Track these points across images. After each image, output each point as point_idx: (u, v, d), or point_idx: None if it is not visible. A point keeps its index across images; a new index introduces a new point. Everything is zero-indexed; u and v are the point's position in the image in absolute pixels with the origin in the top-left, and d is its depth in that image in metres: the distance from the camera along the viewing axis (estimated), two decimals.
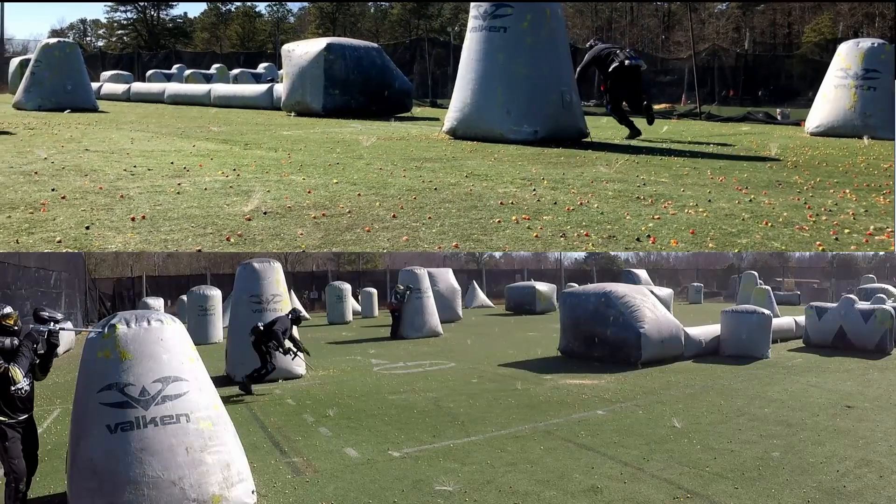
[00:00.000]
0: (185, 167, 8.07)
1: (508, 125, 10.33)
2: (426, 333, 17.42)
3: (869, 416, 7.64)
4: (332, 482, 5.52)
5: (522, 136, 10.25)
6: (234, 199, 6.59)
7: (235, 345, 11.14)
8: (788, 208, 6.79)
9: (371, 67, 17.66)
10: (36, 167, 7.96)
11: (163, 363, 4.72)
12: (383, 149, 9.67)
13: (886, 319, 13.07)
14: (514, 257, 52.49)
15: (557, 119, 10.53)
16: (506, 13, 10.32)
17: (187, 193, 6.73)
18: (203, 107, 22.79)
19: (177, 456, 4.55)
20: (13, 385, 4.54)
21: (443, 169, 7.84)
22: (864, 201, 6.87)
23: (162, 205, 6.45)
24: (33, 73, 20.01)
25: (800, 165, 8.91)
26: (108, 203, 6.36)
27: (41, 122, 14.96)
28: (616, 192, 6.97)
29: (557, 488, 5.25)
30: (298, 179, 7.28)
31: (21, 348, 4.63)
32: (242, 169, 8.03)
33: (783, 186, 7.37)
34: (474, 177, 7.47)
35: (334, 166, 7.99)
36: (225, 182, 7.24)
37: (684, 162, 8.82)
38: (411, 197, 6.66)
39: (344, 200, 6.56)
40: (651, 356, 11.60)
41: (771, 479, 5.39)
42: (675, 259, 56.30)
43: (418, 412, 8.18)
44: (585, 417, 7.77)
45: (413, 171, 7.65)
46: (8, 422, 4.62)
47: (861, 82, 14.05)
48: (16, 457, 4.62)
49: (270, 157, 9.20)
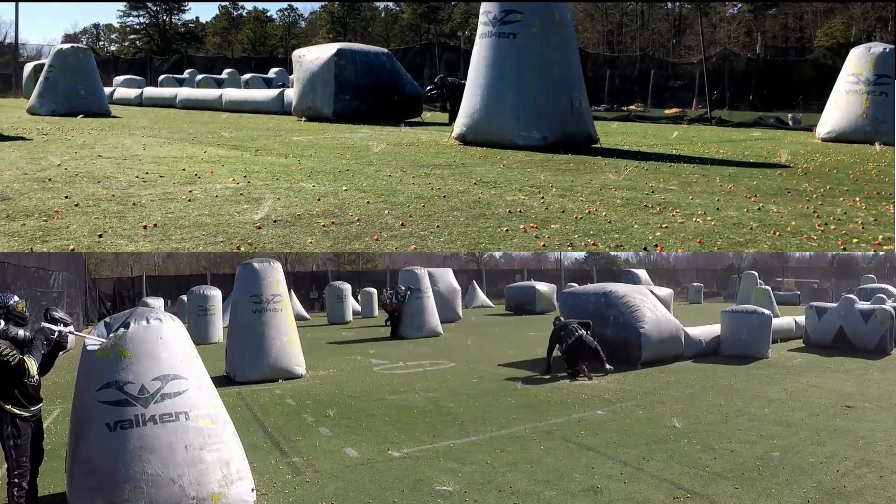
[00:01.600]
0: (196, 174, 8.07)
1: (518, 131, 10.30)
2: (426, 333, 17.42)
3: (869, 416, 7.64)
4: (332, 482, 5.51)
5: (532, 141, 10.21)
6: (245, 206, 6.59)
7: (235, 345, 11.14)
8: (797, 217, 6.74)
9: (381, 72, 17.67)
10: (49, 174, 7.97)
11: (162, 361, 4.72)
12: (393, 155, 9.65)
13: (886, 319, 13.06)
14: (514, 257, 52.52)
15: (567, 125, 10.49)
16: (515, 19, 10.29)
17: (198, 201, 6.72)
18: (214, 111, 22.81)
19: (176, 454, 4.55)
20: (27, 376, 4.57)
21: (451, 176, 7.83)
22: (874, 210, 6.82)
23: (173, 212, 6.44)
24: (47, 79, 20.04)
25: (810, 172, 8.86)
26: (121, 210, 6.35)
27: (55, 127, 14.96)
28: (624, 199, 6.95)
29: (557, 488, 5.24)
30: (308, 186, 7.27)
31: (35, 340, 4.68)
32: (253, 175, 8.03)
33: (793, 194, 7.33)
34: (483, 184, 7.44)
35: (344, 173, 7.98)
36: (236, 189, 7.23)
37: (693, 169, 8.78)
38: (420, 205, 6.65)
39: (353, 208, 6.55)
40: (651, 356, 11.60)
41: (771, 479, 5.38)
42: (675, 259, 56.33)
43: (418, 412, 8.18)
44: (585, 417, 7.76)
45: (422, 178, 7.64)
46: (24, 415, 4.63)
47: (872, 88, 13.97)
48: (24, 455, 4.63)
49: (281, 163, 9.20)
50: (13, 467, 4.60)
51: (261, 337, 10.80)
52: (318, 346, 15.86)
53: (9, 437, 4.60)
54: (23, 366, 4.54)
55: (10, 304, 4.77)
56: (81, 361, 4.87)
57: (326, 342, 16.89)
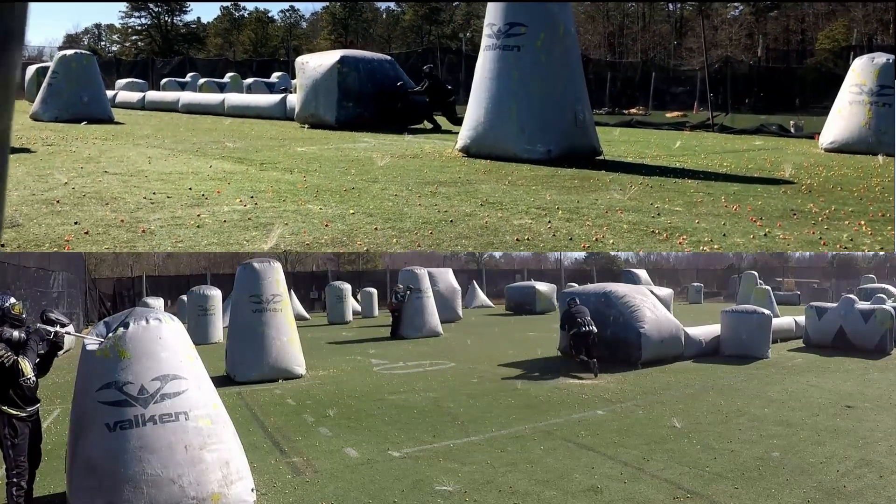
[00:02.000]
0: (203, 194, 8.04)
1: (522, 144, 10.27)
2: (426, 333, 17.42)
3: (869, 416, 7.64)
4: (332, 482, 5.51)
5: (536, 155, 10.18)
6: (254, 233, 6.53)
7: (235, 345, 11.14)
8: (803, 244, 6.66)
9: (384, 79, 17.65)
10: (57, 194, 7.94)
11: (161, 361, 4.72)
12: (397, 170, 9.59)
13: (886, 319, 13.06)
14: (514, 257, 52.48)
15: (571, 138, 10.46)
16: (520, 32, 10.28)
17: (207, 227, 6.67)
18: (217, 116, 22.76)
19: (176, 454, 4.55)
20: (22, 377, 4.58)
21: (457, 195, 7.77)
22: (880, 236, 6.71)
23: (183, 241, 6.38)
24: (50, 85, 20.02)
25: (814, 190, 8.79)
26: (131, 239, 6.30)
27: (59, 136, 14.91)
28: (631, 224, 6.90)
29: (557, 488, 5.24)
30: (315, 209, 7.19)
31: (29, 342, 4.69)
32: (259, 196, 7.99)
33: (798, 217, 7.26)
34: (489, 205, 7.36)
35: (350, 192, 7.92)
36: (243, 213, 7.19)
37: (698, 186, 8.71)
38: (427, 231, 6.60)
39: (361, 236, 6.50)
40: (651, 356, 11.60)
41: (771, 479, 5.38)
42: (675, 259, 56.31)
43: (418, 412, 8.18)
44: (585, 417, 7.76)
45: (428, 199, 7.58)
46: (20, 415, 4.65)
47: (876, 98, 13.93)
48: (22, 454, 4.65)
49: (286, 179, 9.16)
50: (11, 467, 4.61)
51: (261, 337, 10.81)
52: (318, 346, 15.87)
53: (6, 438, 4.60)
54: (17, 367, 4.55)
55: (6, 307, 4.78)
56: (81, 362, 4.87)
57: (326, 342, 16.89)
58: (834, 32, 46.36)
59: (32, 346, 4.69)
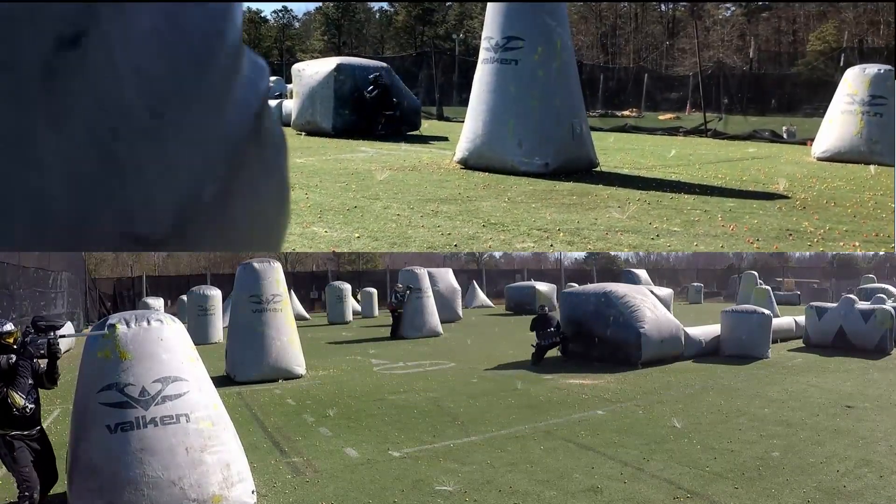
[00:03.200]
0: None
1: (520, 157, 10.29)
2: (426, 333, 17.43)
3: (869, 416, 7.64)
4: (332, 482, 5.52)
5: (534, 168, 10.21)
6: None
7: (235, 345, 11.14)
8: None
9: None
10: None
11: (162, 363, 4.72)
12: (398, 184, 9.56)
13: (886, 319, 13.07)
14: (514, 257, 52.46)
15: (568, 151, 10.48)
16: (517, 46, 10.31)
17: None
18: None
19: (177, 456, 4.55)
20: (14, 409, 4.49)
21: (459, 215, 7.74)
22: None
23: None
24: None
25: (808, 206, 8.79)
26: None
27: None
28: (630, 247, 6.92)
29: (557, 488, 5.25)
30: (321, 233, 7.12)
31: (18, 368, 4.54)
32: None
33: (794, 237, 7.27)
34: (491, 226, 7.32)
35: (353, 211, 7.88)
36: None
37: (695, 203, 8.70)
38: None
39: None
40: (651, 356, 11.60)
41: (771, 479, 5.39)
42: (675, 259, 56.34)
43: (418, 412, 8.18)
44: (585, 417, 7.77)
45: (430, 219, 7.54)
46: (13, 433, 4.59)
47: (867, 108, 14.01)
48: (25, 465, 4.57)
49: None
50: (20, 481, 4.57)
51: (261, 337, 10.81)
52: (318, 346, 15.87)
53: (5, 456, 4.57)
54: (7, 401, 4.46)
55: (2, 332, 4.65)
56: (82, 363, 4.87)
57: (326, 342, 16.90)
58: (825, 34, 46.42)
59: (22, 372, 4.53)
